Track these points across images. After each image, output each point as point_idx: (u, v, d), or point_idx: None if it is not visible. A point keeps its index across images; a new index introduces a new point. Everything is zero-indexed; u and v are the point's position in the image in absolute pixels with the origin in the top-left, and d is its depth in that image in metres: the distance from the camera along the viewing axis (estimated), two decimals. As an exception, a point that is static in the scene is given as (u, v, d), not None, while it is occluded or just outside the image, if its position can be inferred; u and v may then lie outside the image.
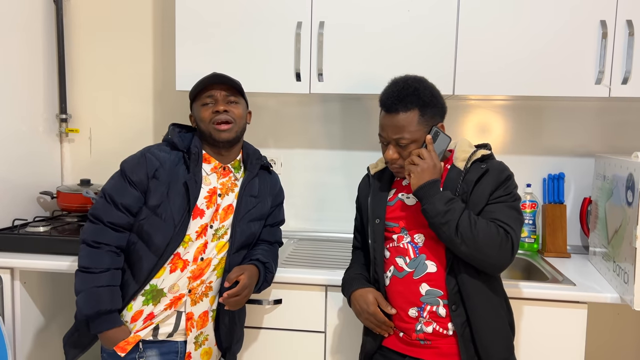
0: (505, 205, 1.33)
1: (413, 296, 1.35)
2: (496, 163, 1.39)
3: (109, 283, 1.39)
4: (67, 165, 2.36)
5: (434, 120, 1.38)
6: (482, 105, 2.10)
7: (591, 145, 2.06)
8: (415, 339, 1.35)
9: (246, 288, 1.45)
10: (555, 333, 1.57)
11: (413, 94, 1.35)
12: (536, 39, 1.73)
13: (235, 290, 1.43)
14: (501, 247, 1.27)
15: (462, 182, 1.35)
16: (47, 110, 2.22)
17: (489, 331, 1.30)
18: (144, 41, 2.27)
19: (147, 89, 2.29)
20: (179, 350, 1.46)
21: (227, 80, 1.48)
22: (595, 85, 1.72)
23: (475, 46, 1.76)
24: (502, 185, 1.34)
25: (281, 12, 1.83)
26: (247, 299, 1.48)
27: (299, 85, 1.85)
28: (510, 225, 1.30)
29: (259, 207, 1.56)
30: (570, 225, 2.06)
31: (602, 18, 1.70)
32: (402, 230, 1.41)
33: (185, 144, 1.51)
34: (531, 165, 2.09)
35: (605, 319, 2.11)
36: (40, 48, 2.16)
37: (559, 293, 1.56)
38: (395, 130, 1.36)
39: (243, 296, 1.45)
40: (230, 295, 1.43)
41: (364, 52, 1.82)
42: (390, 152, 1.39)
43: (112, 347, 1.39)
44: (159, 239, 1.41)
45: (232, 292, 1.43)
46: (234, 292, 1.43)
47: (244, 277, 1.45)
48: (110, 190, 1.45)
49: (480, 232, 1.26)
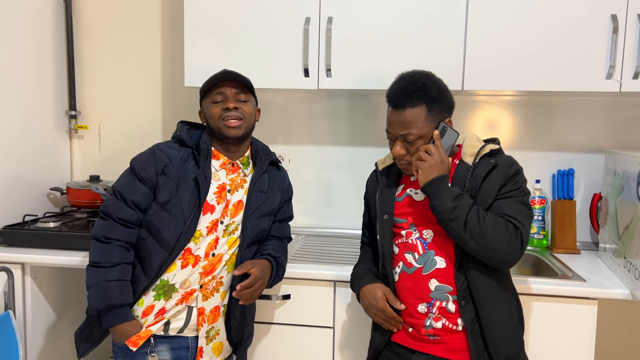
0: (514, 200, 1.32)
1: (422, 292, 1.35)
2: (505, 157, 1.38)
3: (120, 277, 1.40)
4: (76, 161, 2.37)
5: (442, 116, 1.37)
6: (490, 100, 2.09)
7: (601, 141, 2.04)
8: (425, 335, 1.35)
9: (258, 280, 1.45)
10: (565, 329, 1.57)
11: (420, 90, 1.34)
12: (546, 34, 1.72)
13: (248, 282, 1.43)
14: (510, 242, 1.27)
15: (471, 178, 1.35)
16: (56, 107, 2.24)
17: (498, 327, 1.30)
18: (152, 38, 2.28)
19: (155, 86, 2.30)
20: (189, 346, 1.47)
21: (238, 77, 1.48)
22: (606, 80, 1.70)
23: (485, 41, 1.75)
24: (511, 180, 1.34)
25: (290, 8, 1.83)
26: (260, 292, 1.49)
27: (307, 81, 1.85)
28: (520, 220, 1.29)
29: (269, 203, 1.57)
30: (580, 221, 2.05)
31: (613, 12, 1.68)
32: (410, 226, 1.41)
33: (194, 140, 1.52)
34: (540, 161, 2.08)
35: (616, 315, 2.10)
36: (49, 45, 2.17)
37: (568, 289, 1.55)
38: (403, 126, 1.35)
39: (256, 288, 1.45)
40: (243, 287, 1.43)
41: (373, 47, 1.81)
42: (397, 148, 1.38)
43: (123, 341, 1.41)
44: (168, 234, 1.42)
45: (245, 283, 1.43)
46: (246, 283, 1.43)
47: (255, 269, 1.45)
48: (120, 187, 1.46)
49: (489, 228, 1.26)
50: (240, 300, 1.46)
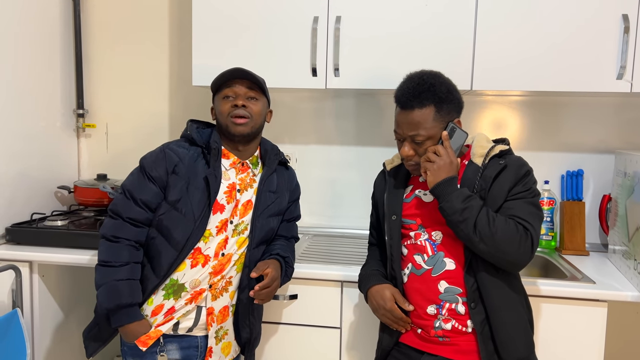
0: (524, 202, 1.31)
1: (431, 294, 1.34)
2: (515, 158, 1.37)
3: (129, 276, 1.40)
4: (84, 160, 2.38)
5: (450, 116, 1.36)
6: (498, 101, 2.08)
7: (611, 142, 2.03)
8: (434, 336, 1.35)
9: (275, 280, 1.47)
10: (574, 331, 1.56)
11: (429, 90, 1.33)
12: (556, 33, 1.71)
13: (266, 282, 1.45)
14: (520, 245, 1.26)
15: (480, 179, 1.34)
16: (64, 106, 2.24)
17: (508, 329, 1.29)
18: (160, 37, 2.28)
19: (163, 85, 2.30)
20: (199, 345, 1.47)
21: (250, 76, 1.48)
22: (617, 80, 1.69)
23: (494, 40, 1.74)
24: (521, 181, 1.33)
25: (298, 7, 1.83)
26: (275, 291, 1.50)
27: (315, 81, 1.84)
28: (530, 222, 1.28)
29: (278, 202, 1.57)
30: (589, 222, 2.03)
31: (624, 12, 1.67)
32: (419, 227, 1.40)
33: (204, 139, 1.52)
34: (549, 161, 2.07)
35: (625, 317, 2.09)
36: (57, 44, 2.18)
37: (578, 291, 1.54)
38: (411, 127, 1.34)
39: (272, 288, 1.48)
40: (261, 287, 1.44)
41: (381, 47, 1.80)
42: (405, 149, 1.37)
43: (132, 341, 1.41)
44: (178, 233, 1.42)
45: (264, 284, 1.45)
46: (265, 283, 1.45)
47: (271, 269, 1.46)
48: (129, 186, 1.46)
49: (499, 230, 1.25)
50: (255, 299, 1.47)
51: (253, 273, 1.46)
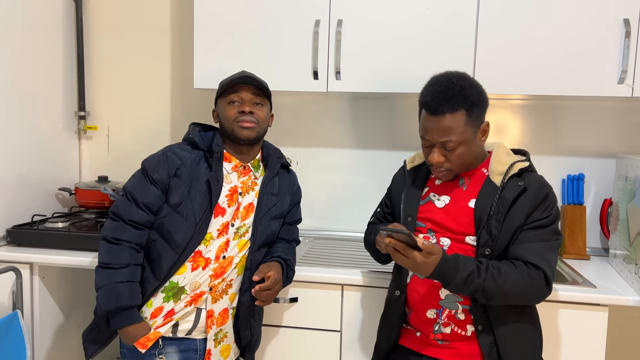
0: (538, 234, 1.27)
1: (432, 298, 1.34)
2: (534, 179, 1.32)
3: (129, 279, 1.40)
4: (85, 162, 2.38)
5: (480, 120, 1.31)
6: (499, 104, 2.08)
7: (612, 146, 2.02)
8: (433, 339, 1.34)
9: (277, 283, 1.48)
10: (575, 335, 1.55)
11: (460, 94, 1.26)
12: (558, 38, 1.71)
13: (267, 284, 1.45)
14: (533, 286, 1.24)
15: (498, 201, 1.29)
16: (66, 108, 2.24)
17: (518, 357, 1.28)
18: (162, 39, 2.28)
19: (165, 87, 2.31)
20: (197, 348, 1.47)
21: (256, 82, 1.49)
22: (618, 84, 1.69)
23: (496, 43, 1.74)
24: (541, 206, 1.29)
25: (300, 11, 1.83)
26: (277, 294, 1.50)
27: (317, 84, 1.85)
28: (539, 260, 1.24)
29: (279, 205, 1.57)
30: (590, 226, 2.03)
31: (625, 16, 1.67)
32: (428, 231, 1.39)
33: (206, 142, 1.52)
34: (550, 165, 2.06)
35: (626, 322, 2.08)
36: (59, 46, 2.18)
37: (579, 295, 1.53)
38: (442, 133, 1.28)
39: (274, 291, 1.48)
40: (262, 288, 1.44)
41: (382, 50, 1.80)
42: (435, 156, 1.31)
43: (131, 343, 1.40)
44: (179, 236, 1.42)
45: (265, 285, 1.45)
46: (266, 285, 1.45)
47: (273, 272, 1.47)
48: (131, 189, 1.46)
49: (508, 283, 1.22)
50: (256, 300, 1.47)
51: (255, 276, 1.46)
